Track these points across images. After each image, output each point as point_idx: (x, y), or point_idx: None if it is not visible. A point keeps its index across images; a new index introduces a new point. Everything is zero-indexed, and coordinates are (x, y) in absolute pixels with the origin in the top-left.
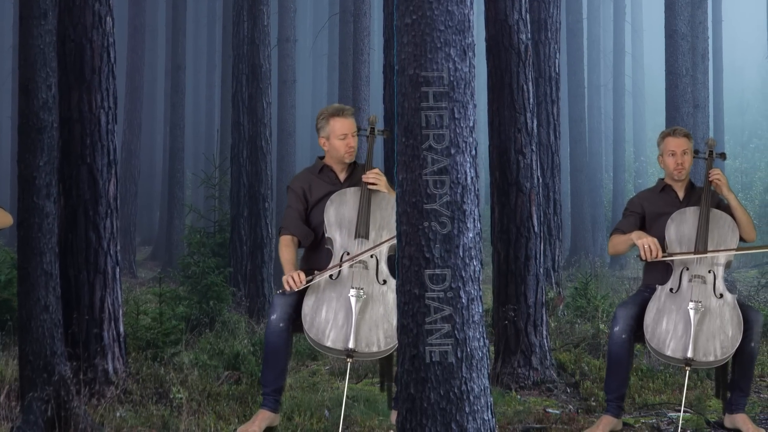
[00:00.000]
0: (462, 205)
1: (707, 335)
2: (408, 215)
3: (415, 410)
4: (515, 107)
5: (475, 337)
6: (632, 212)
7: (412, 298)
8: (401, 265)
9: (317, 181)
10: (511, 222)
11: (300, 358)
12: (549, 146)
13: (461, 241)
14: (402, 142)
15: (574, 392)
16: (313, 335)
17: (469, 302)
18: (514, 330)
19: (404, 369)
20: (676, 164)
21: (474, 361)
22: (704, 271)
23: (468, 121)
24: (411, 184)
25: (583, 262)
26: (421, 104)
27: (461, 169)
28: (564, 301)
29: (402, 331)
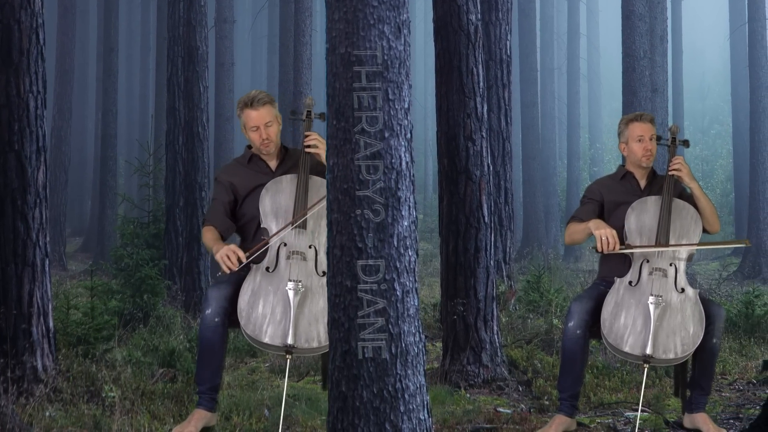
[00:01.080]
0: (396, 192)
1: (667, 331)
2: (339, 202)
3: (347, 409)
4: (464, 91)
5: (411, 331)
6: (591, 199)
7: (343, 291)
8: (332, 256)
9: (246, 172)
10: (460, 212)
11: (238, 355)
12: (500, 132)
13: (396, 229)
14: (333, 125)
15: (527, 391)
16: (249, 331)
17: (404, 295)
18: (464, 325)
19: (335, 366)
20: (644, 150)
21: (409, 358)
22: (665, 264)
23: (403, 103)
24: (342, 170)
25: (535, 253)
26: (353, 85)
27: (396, 154)
28: (516, 294)
29: (333, 325)
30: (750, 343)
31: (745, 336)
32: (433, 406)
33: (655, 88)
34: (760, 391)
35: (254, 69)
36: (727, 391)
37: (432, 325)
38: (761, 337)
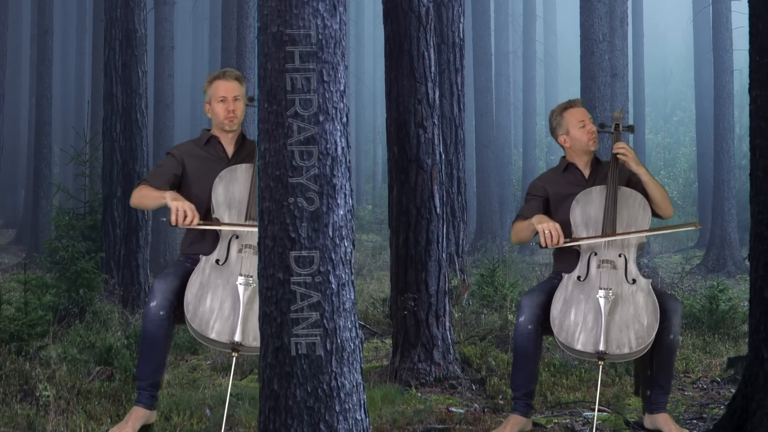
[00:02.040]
0: (332, 179)
1: (620, 325)
2: (271, 190)
3: (279, 409)
4: (415, 76)
5: (347, 327)
6: (534, 196)
7: (275, 284)
8: (263, 246)
9: (201, 153)
10: (410, 202)
11: (179, 352)
12: (452, 119)
13: (331, 219)
14: (264, 108)
15: (480, 389)
16: (196, 326)
17: (340, 288)
18: (414, 321)
19: (267, 363)
20: (590, 133)
21: (345, 354)
22: (614, 256)
23: (338, 85)
24: (274, 156)
25: (489, 246)
26: (285, 66)
27: (331, 139)
28: (469, 289)
29: (264, 320)
30: (714, 340)
31: (709, 332)
32: (382, 405)
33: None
34: (725, 390)
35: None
36: (691, 390)
37: (381, 321)
38: (726, 333)
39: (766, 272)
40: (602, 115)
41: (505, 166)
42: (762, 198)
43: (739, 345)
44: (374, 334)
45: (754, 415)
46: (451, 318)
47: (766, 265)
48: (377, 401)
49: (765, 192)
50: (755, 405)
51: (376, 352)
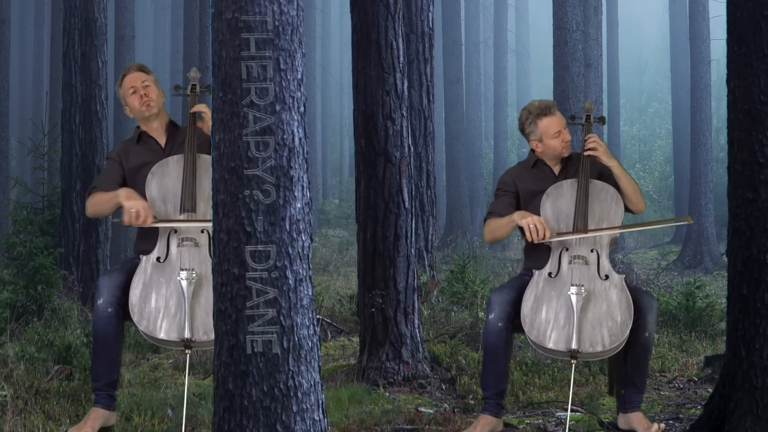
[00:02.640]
0: (289, 171)
1: (593, 322)
2: (226, 182)
3: (235, 409)
4: (383, 67)
5: (304, 324)
6: (505, 192)
7: (230, 279)
8: (218, 241)
9: (136, 150)
10: (378, 196)
11: (139, 351)
12: (421, 111)
13: (288, 212)
14: (219, 97)
15: (450, 389)
16: (144, 328)
17: (297, 283)
18: (382, 318)
19: (222, 361)
20: (563, 143)
21: (303, 352)
22: (586, 251)
23: (296, 73)
24: (229, 146)
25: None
26: (241, 53)
27: (288, 129)
28: (438, 285)
29: (219, 317)
30: (691, 338)
31: (685, 330)
32: (349, 405)
33: (588, 62)
34: (702, 390)
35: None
36: (667, 389)
37: (348, 318)
38: (703, 331)
39: (745, 268)
40: (576, 106)
41: (475, 159)
42: (740, 192)
43: (716, 343)
44: (341, 332)
45: (732, 415)
46: (420, 315)
47: (744, 261)
48: (344, 401)
49: (743, 186)
50: (733, 405)
51: (343, 350)
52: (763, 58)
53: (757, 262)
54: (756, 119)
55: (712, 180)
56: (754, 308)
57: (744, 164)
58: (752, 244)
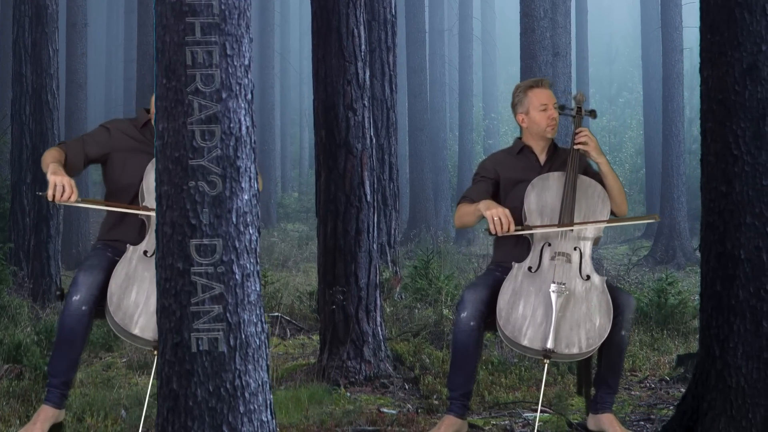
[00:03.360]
0: (235, 161)
1: (571, 323)
2: (170, 173)
3: (179, 410)
4: (344, 55)
5: (252, 321)
6: (484, 177)
7: (174, 274)
8: (161, 234)
9: (137, 135)
10: (339, 189)
11: (92, 349)
12: (384, 101)
13: (234, 204)
14: (162, 84)
15: (413, 389)
16: (119, 320)
17: (244, 279)
18: (343, 316)
19: (165, 360)
20: (549, 119)
21: (250, 351)
22: (569, 248)
23: (243, 59)
24: (173, 136)
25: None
26: (185, 38)
27: (234, 117)
28: (401, 282)
29: (163, 314)
30: (663, 336)
31: (657, 328)
32: (309, 406)
33: (556, 51)
34: (674, 390)
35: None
36: (638, 389)
37: (308, 316)
38: (675, 329)
39: (718, 264)
40: None
41: (439, 150)
42: (713, 185)
43: (689, 341)
44: (301, 330)
45: (706, 416)
46: (383, 313)
47: (717, 257)
48: (304, 401)
49: (717, 178)
50: (706, 405)
51: (302, 349)
52: (737, 47)
53: (731, 258)
54: (730, 110)
55: (684, 173)
56: (728, 305)
57: (718, 156)
58: (726, 239)
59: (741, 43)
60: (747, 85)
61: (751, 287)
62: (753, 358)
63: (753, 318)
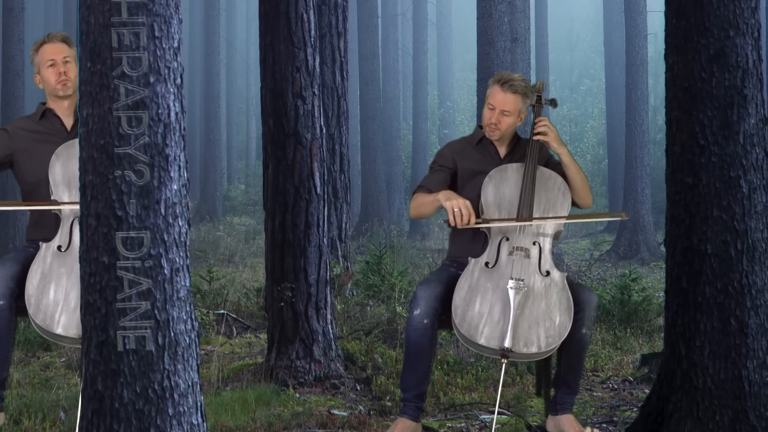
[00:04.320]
0: (164, 149)
1: (530, 321)
2: (95, 161)
3: (104, 412)
4: (293, 41)
5: (181, 318)
6: (441, 166)
7: (99, 269)
8: (86, 226)
9: (36, 128)
10: (288, 181)
11: (30, 348)
12: (334, 89)
13: (163, 194)
14: (87, 68)
15: (366, 390)
16: (39, 321)
17: (173, 273)
18: (292, 314)
19: (90, 360)
20: (489, 121)
21: (180, 350)
22: (528, 243)
23: (171, 41)
24: (99, 122)
25: (376, 230)
26: (111, 19)
27: (163, 103)
28: (353, 278)
29: (87, 310)
30: (626, 335)
31: (620, 326)
32: (256, 407)
33: (515, 36)
34: (638, 391)
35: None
36: (600, 390)
37: (255, 313)
38: (639, 327)
39: (684, 259)
40: None
41: (393, 140)
42: (679, 176)
43: (653, 340)
44: (247, 328)
45: (671, 418)
46: (333, 310)
47: (683, 252)
48: (251, 403)
49: (682, 170)
50: (672, 407)
51: (249, 348)
52: (704, 32)
53: (697, 253)
54: (696, 98)
55: (648, 164)
56: (695, 302)
57: (683, 146)
58: (692, 233)
59: (708, 29)
60: (714, 72)
61: (718, 283)
62: (720, 357)
63: (720, 315)
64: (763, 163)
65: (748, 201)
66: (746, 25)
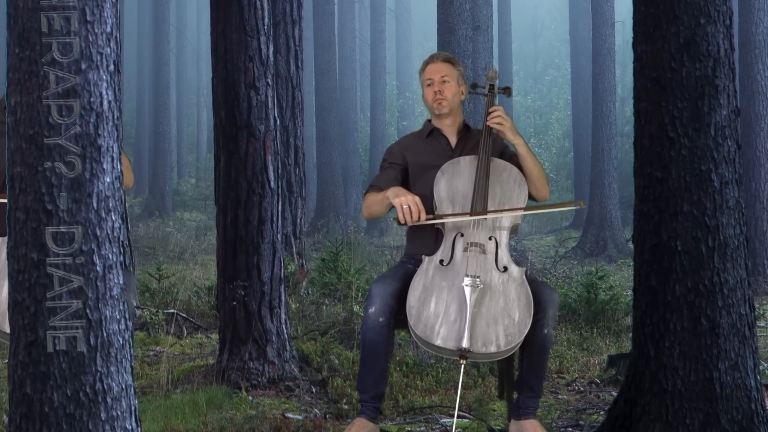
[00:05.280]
0: (96, 140)
1: (487, 320)
2: (23, 153)
3: (33, 416)
4: (246, 29)
5: (114, 317)
6: (391, 164)
7: (28, 265)
8: (14, 221)
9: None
10: (240, 175)
11: None
12: (289, 79)
13: (95, 187)
14: (15, 54)
15: (321, 392)
16: None
17: (106, 271)
18: (245, 313)
19: (18, 361)
20: (433, 96)
21: (113, 351)
22: (483, 238)
23: (104, 26)
24: (27, 111)
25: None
26: (40, 2)
27: (95, 91)
28: (308, 276)
29: (15, 309)
30: (592, 335)
31: (586, 326)
32: (207, 410)
33: (477, 24)
34: (605, 393)
35: None
36: (565, 392)
37: (207, 312)
38: (606, 327)
39: (653, 256)
40: None
41: (350, 133)
42: (648, 170)
43: (621, 340)
44: (198, 328)
45: (639, 421)
46: (288, 309)
47: (652, 249)
48: (202, 405)
49: (651, 163)
50: (640, 410)
51: (200, 348)
52: (673, 20)
53: (666, 250)
54: (666, 88)
55: (616, 157)
56: (664, 301)
57: (652, 139)
58: (661, 229)
59: (678, 16)
60: (684, 62)
61: (689, 281)
62: (690, 358)
63: (690, 315)
64: (735, 156)
65: (720, 196)
66: (717, 13)
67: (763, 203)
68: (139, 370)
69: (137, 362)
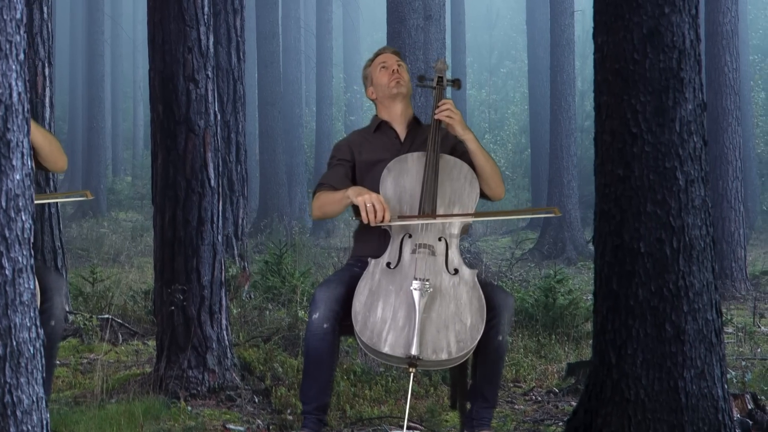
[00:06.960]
0: (5, 134)
1: (438, 325)
2: None
3: None
4: (184, 19)
5: (24, 325)
6: (340, 160)
7: None
8: None
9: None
10: (178, 173)
11: None
12: (230, 71)
13: (4, 185)
14: None
15: (264, 402)
16: None
17: (16, 275)
18: (183, 318)
19: None
20: (390, 75)
21: (23, 361)
22: (433, 240)
23: (13, 12)
24: None
25: (276, 227)
26: None
27: (4, 82)
28: (250, 279)
29: None
30: (551, 342)
31: (544, 332)
32: (144, 421)
33: (428, 14)
34: (564, 403)
35: None
36: (522, 402)
37: (143, 318)
38: (565, 333)
39: (614, 259)
40: (414, 66)
41: (294, 128)
42: (609, 168)
43: (581, 347)
44: (134, 335)
45: None
46: (229, 315)
47: (614, 251)
48: (138, 416)
49: (613, 160)
50: (601, 421)
51: (136, 356)
52: (636, 9)
53: (629, 252)
54: (628, 81)
55: (576, 154)
56: (626, 306)
57: (614, 135)
58: (623, 230)
59: (641, 5)
60: (648, 53)
61: (652, 285)
62: (654, 366)
63: (654, 321)
64: (702, 153)
65: (685, 194)
66: (683, 2)
67: (731, 202)
68: (72, 378)
69: (70, 370)
